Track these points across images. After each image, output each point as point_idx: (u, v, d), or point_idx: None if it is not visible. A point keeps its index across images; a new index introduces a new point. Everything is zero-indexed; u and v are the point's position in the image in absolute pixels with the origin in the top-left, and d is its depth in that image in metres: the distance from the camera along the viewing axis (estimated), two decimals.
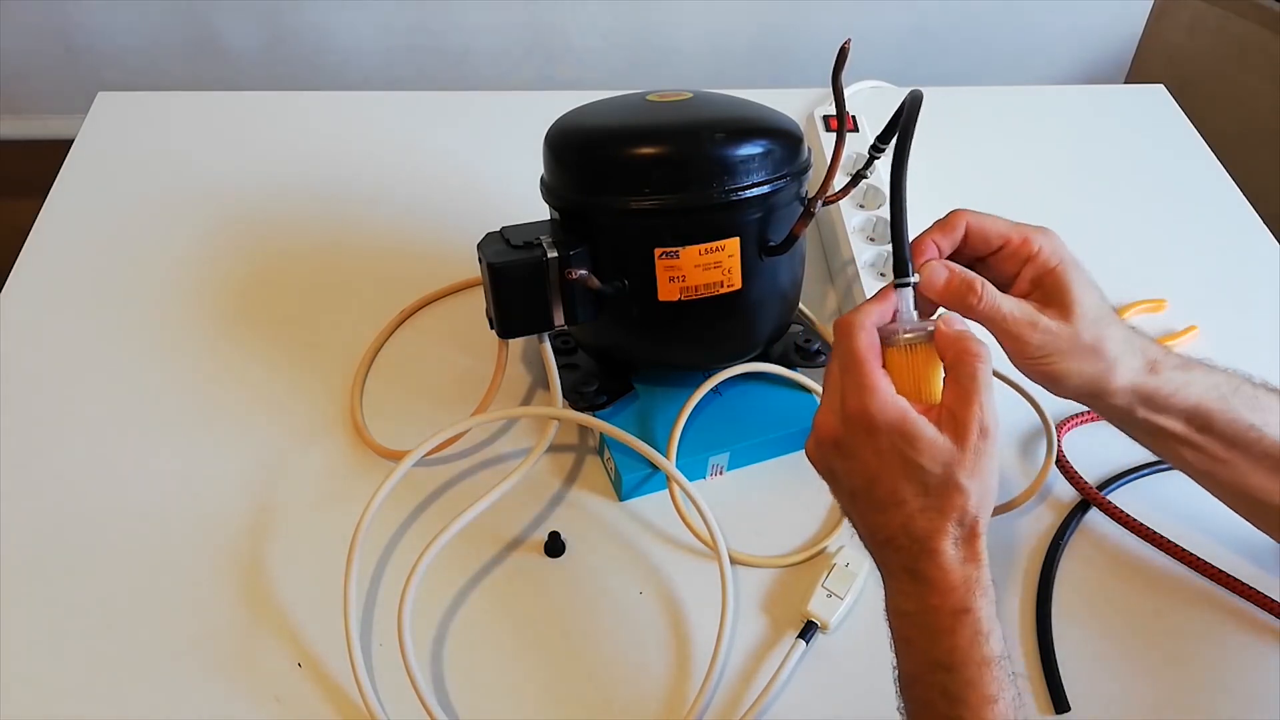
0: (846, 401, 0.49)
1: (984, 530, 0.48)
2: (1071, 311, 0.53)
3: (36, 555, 0.65)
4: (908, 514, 0.48)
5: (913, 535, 0.48)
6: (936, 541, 0.48)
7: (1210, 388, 0.56)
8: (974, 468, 0.47)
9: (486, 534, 0.67)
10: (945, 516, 0.48)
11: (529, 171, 0.69)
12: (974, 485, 0.47)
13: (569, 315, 0.67)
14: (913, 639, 0.49)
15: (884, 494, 0.49)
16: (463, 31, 1.50)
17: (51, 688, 0.60)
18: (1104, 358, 0.54)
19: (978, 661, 0.47)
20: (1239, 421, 0.56)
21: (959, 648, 0.47)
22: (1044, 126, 1.04)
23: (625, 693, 0.61)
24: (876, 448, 0.48)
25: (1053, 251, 0.53)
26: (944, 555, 0.48)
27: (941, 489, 0.47)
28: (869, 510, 0.50)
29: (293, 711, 0.59)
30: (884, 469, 0.48)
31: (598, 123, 0.67)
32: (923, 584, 0.48)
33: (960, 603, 0.47)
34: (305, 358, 0.78)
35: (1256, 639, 0.65)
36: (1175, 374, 0.55)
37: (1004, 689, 0.47)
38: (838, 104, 0.61)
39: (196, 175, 0.92)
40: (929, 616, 0.48)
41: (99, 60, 1.48)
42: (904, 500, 0.48)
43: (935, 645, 0.48)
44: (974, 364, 0.48)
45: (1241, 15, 1.44)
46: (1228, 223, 0.94)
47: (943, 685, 0.47)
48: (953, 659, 0.47)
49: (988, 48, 1.58)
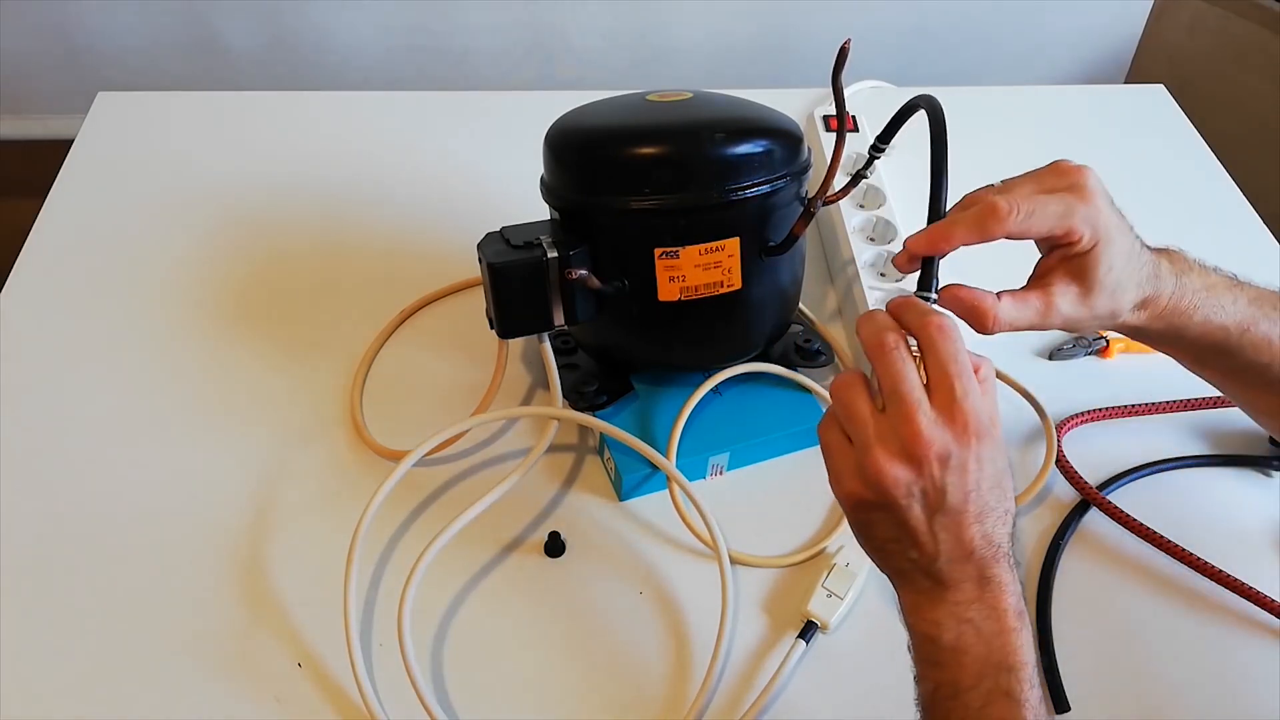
0: (946, 415, 0.47)
1: None
2: (1092, 290, 0.53)
3: (36, 555, 0.65)
4: (993, 520, 0.48)
5: (991, 540, 0.48)
6: (1006, 545, 0.49)
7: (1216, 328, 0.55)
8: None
9: (486, 534, 0.67)
10: (1009, 519, 0.49)
11: (529, 171, 0.69)
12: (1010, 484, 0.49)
13: (569, 315, 0.67)
14: (970, 647, 0.48)
15: (979, 505, 0.47)
16: (463, 31, 1.50)
17: (51, 688, 0.60)
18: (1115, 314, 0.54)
19: (1034, 662, 0.48)
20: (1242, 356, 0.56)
21: (1024, 645, 0.48)
22: (1044, 126, 1.04)
23: (625, 693, 0.61)
24: (978, 456, 0.47)
25: (1092, 236, 0.52)
26: (1010, 558, 0.49)
27: (1006, 492, 0.49)
28: (960, 524, 0.47)
29: (293, 711, 0.59)
30: (986, 478, 0.47)
31: (598, 123, 0.67)
32: (993, 588, 0.48)
33: (1019, 602, 0.48)
34: (305, 358, 0.78)
35: (1256, 639, 0.65)
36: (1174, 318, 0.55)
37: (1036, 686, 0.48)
38: (838, 104, 0.61)
39: (196, 175, 0.92)
40: (998, 620, 0.48)
41: (99, 60, 1.48)
42: (992, 508, 0.48)
43: (1000, 647, 0.48)
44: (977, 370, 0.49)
45: (1241, 15, 1.44)
46: (1228, 223, 0.94)
47: (1006, 687, 0.47)
48: (1017, 658, 0.47)
49: (988, 48, 1.58)
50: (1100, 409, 0.76)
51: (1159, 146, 1.03)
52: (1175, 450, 0.74)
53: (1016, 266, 0.57)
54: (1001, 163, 0.99)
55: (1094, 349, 0.80)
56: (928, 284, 0.52)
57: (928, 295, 0.52)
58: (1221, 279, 0.56)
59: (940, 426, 0.46)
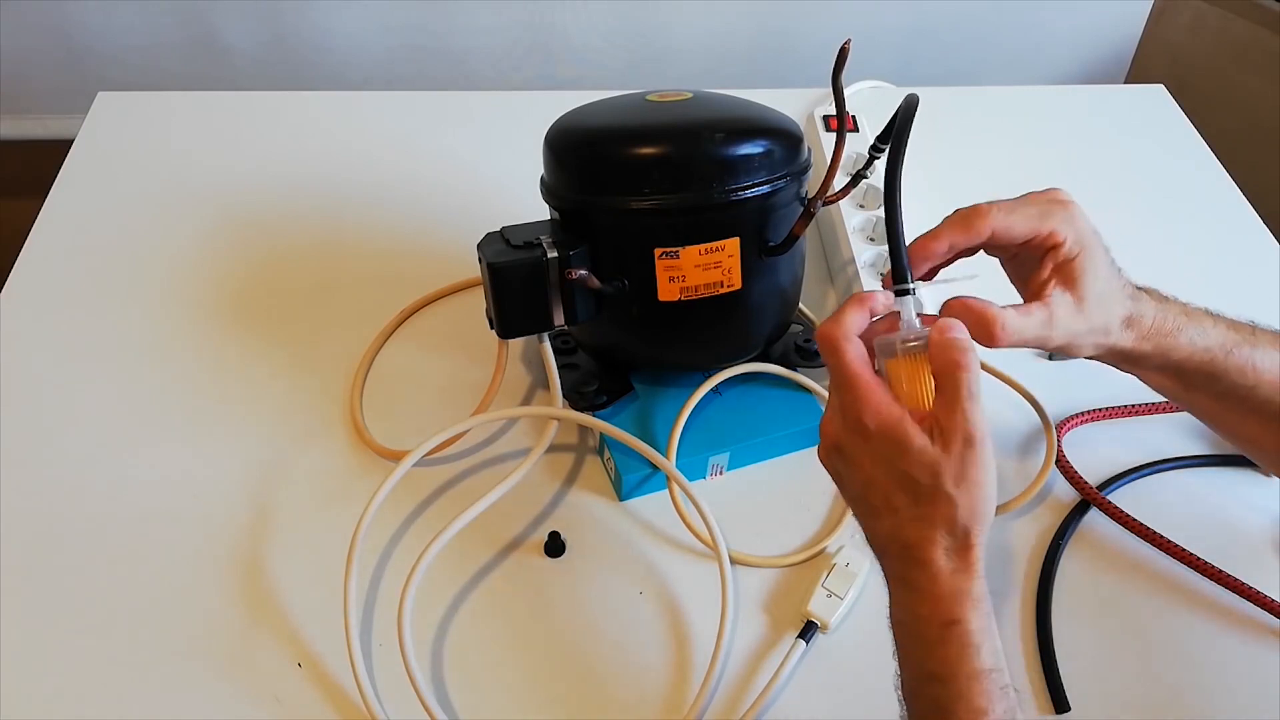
0: (844, 409, 0.50)
1: (979, 541, 0.48)
2: (1084, 298, 0.53)
3: (36, 555, 0.65)
4: (898, 522, 0.48)
5: (903, 543, 0.48)
6: (925, 551, 0.48)
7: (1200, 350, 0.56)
8: (961, 476, 0.47)
9: (486, 534, 0.67)
10: (934, 525, 0.47)
11: (529, 171, 0.69)
12: (962, 495, 0.47)
13: (569, 315, 0.67)
14: (907, 650, 0.49)
15: (879, 500, 0.49)
16: (463, 31, 1.50)
17: (51, 688, 0.60)
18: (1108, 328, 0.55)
19: (967, 674, 0.46)
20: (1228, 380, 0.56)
21: (949, 659, 0.47)
22: (1044, 126, 1.04)
23: (625, 693, 0.61)
24: (872, 454, 0.49)
25: (1075, 240, 0.53)
26: (933, 565, 0.47)
27: (930, 498, 0.47)
28: (866, 516, 0.51)
29: (293, 711, 0.59)
30: (877, 475, 0.49)
31: (598, 123, 0.67)
32: (913, 593, 0.48)
33: (948, 614, 0.47)
34: (305, 358, 0.78)
35: (1256, 639, 0.65)
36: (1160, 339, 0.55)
37: (995, 701, 0.46)
38: (838, 104, 0.61)
39: (196, 175, 0.92)
40: (920, 626, 0.48)
41: (99, 60, 1.48)
42: (896, 508, 0.48)
43: (927, 656, 0.48)
44: (958, 374, 0.48)
45: (1241, 15, 1.44)
46: (1228, 223, 0.94)
47: (934, 697, 0.47)
48: (943, 670, 0.47)
49: (988, 48, 1.58)
50: (1100, 409, 0.76)
51: (1159, 146, 1.03)
52: (1175, 450, 0.74)
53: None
54: (1002, 163, 0.99)
55: None
56: (901, 278, 0.51)
57: (906, 289, 0.51)
58: (1200, 308, 0.57)
59: (836, 419, 0.50)
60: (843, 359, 0.49)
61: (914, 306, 0.51)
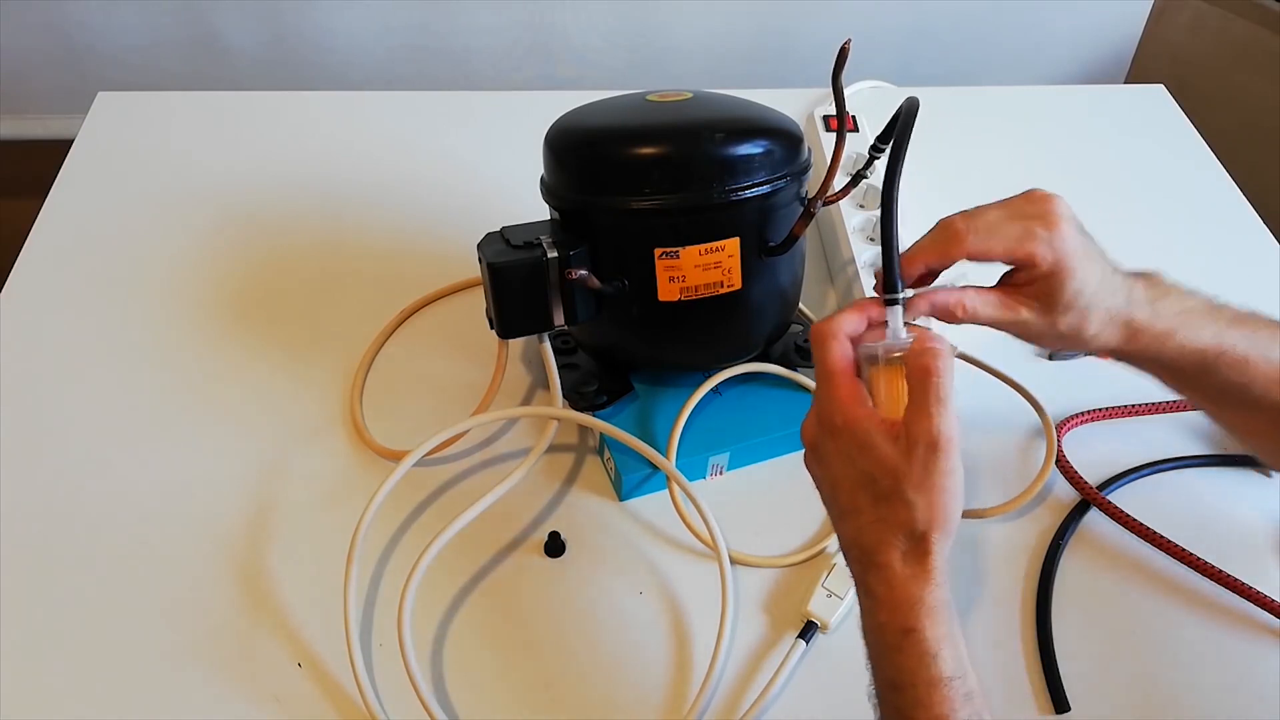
0: (819, 406, 0.50)
1: (937, 549, 0.47)
2: (1055, 309, 0.53)
3: (36, 555, 0.65)
4: (860, 524, 0.48)
5: (863, 546, 0.49)
6: (882, 554, 0.48)
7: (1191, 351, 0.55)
8: (921, 482, 0.46)
9: (486, 534, 0.67)
10: (892, 529, 0.47)
11: (529, 171, 0.69)
12: (921, 499, 0.46)
13: (569, 315, 0.67)
14: (872, 656, 0.49)
15: (845, 501, 0.49)
16: (463, 31, 1.50)
17: (51, 688, 0.60)
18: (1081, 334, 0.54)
19: (926, 681, 0.46)
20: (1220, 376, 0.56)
21: (907, 667, 0.47)
22: (1044, 126, 1.04)
23: (625, 693, 0.61)
24: (840, 452, 0.49)
25: (1054, 262, 0.52)
26: (889, 570, 0.47)
27: (888, 499, 0.47)
28: (835, 517, 0.51)
29: (293, 711, 0.59)
30: (844, 475, 0.49)
31: (598, 123, 0.67)
32: (872, 599, 0.48)
33: (904, 621, 0.47)
34: (305, 358, 0.78)
35: (1256, 639, 0.65)
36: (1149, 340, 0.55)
37: (955, 709, 0.46)
38: (838, 104, 0.61)
39: (196, 175, 0.92)
40: (880, 634, 0.48)
41: (99, 60, 1.48)
42: (859, 509, 0.48)
43: (887, 664, 0.47)
44: (928, 379, 0.47)
45: (1241, 15, 1.44)
46: (1228, 223, 0.94)
47: (896, 704, 0.47)
48: (901, 678, 0.47)
49: (988, 48, 1.58)
50: (1100, 409, 0.76)
51: (1159, 146, 1.03)
52: (1175, 450, 0.74)
53: None
54: (1002, 163, 0.99)
55: None
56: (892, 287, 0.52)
57: (895, 298, 0.52)
58: (1199, 301, 0.57)
59: (813, 417, 0.51)
60: (826, 355, 0.50)
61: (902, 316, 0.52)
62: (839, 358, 0.50)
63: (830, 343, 0.50)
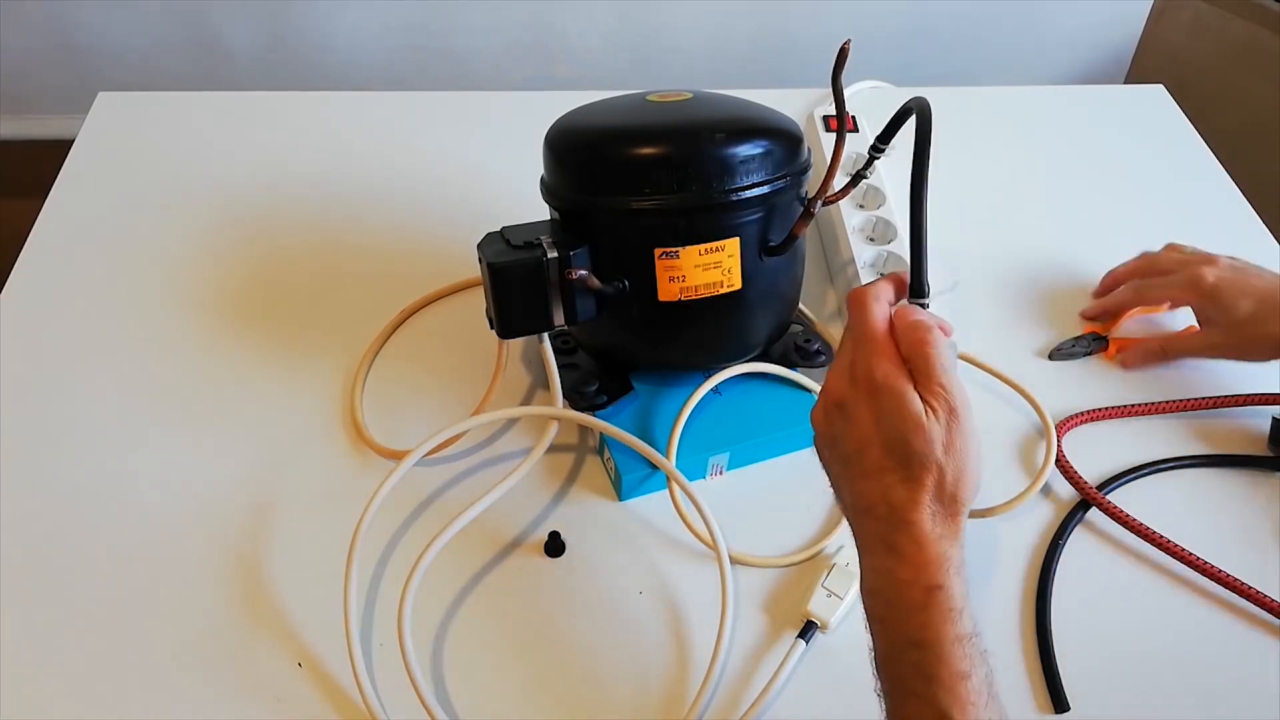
0: (855, 365, 0.51)
1: (964, 508, 0.49)
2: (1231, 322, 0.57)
3: (36, 555, 0.65)
4: (890, 483, 0.49)
5: (891, 504, 0.49)
6: (913, 513, 0.48)
7: None
8: (949, 445, 0.48)
9: (486, 534, 0.67)
10: (923, 488, 0.48)
11: (529, 171, 0.69)
12: (951, 463, 0.48)
13: (569, 315, 0.67)
14: (886, 617, 0.49)
15: (873, 460, 0.50)
16: (463, 31, 1.50)
17: (51, 688, 0.60)
18: None
19: (950, 638, 0.47)
20: None
21: (931, 624, 0.47)
22: (1044, 126, 1.04)
23: (625, 693, 0.61)
24: (875, 412, 0.49)
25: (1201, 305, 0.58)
26: (919, 527, 0.48)
27: (921, 463, 0.48)
28: (858, 476, 0.51)
29: (293, 711, 0.59)
30: (877, 434, 0.49)
31: (598, 123, 0.67)
32: (897, 557, 0.48)
33: (932, 578, 0.47)
34: (305, 358, 0.78)
35: (1256, 639, 0.65)
36: None
37: (976, 665, 0.47)
38: (838, 104, 0.61)
39: (196, 175, 0.92)
40: (902, 592, 0.48)
41: (99, 60, 1.49)
42: (888, 468, 0.49)
43: (909, 622, 0.48)
44: (926, 350, 0.49)
45: (1241, 15, 1.44)
46: (1228, 223, 0.94)
47: (915, 662, 0.47)
48: (925, 635, 0.47)
49: (988, 48, 1.58)
50: (1100, 409, 0.76)
51: (1159, 146, 1.03)
52: (1175, 450, 0.74)
53: None
54: (1001, 163, 0.99)
55: (1094, 349, 0.80)
56: (920, 291, 0.53)
57: (924, 302, 0.53)
58: None
59: (844, 376, 0.51)
60: (867, 313, 0.51)
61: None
62: (880, 320, 0.51)
63: (871, 304, 0.52)
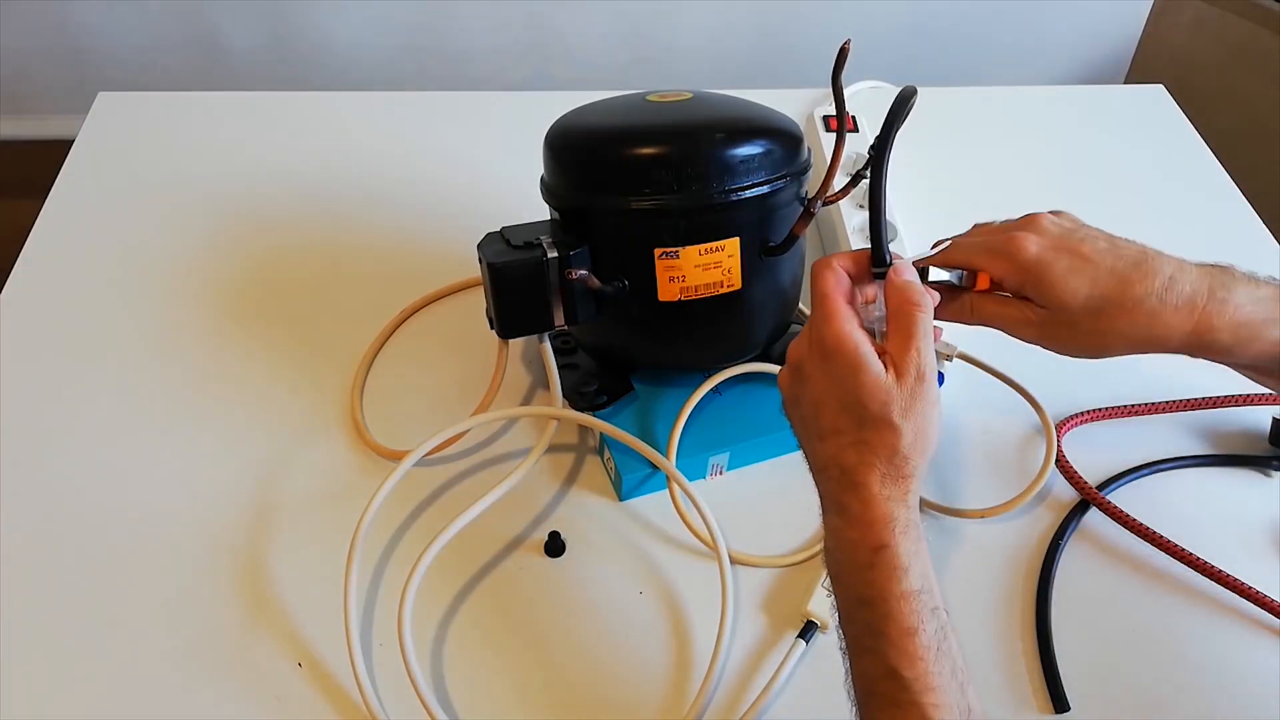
0: (811, 328, 0.52)
1: (916, 473, 0.50)
2: (1060, 306, 0.56)
3: (37, 555, 0.65)
4: (841, 445, 0.50)
5: (842, 466, 0.50)
6: (862, 474, 0.49)
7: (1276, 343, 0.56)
8: (908, 408, 0.49)
9: (486, 534, 0.67)
10: (874, 452, 0.49)
11: (529, 171, 0.69)
12: (908, 426, 0.49)
13: (569, 315, 0.67)
14: (839, 576, 0.50)
15: (827, 421, 0.51)
16: (463, 31, 1.50)
17: (51, 688, 0.60)
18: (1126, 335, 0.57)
19: (896, 595, 0.48)
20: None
21: (877, 582, 0.48)
22: (1044, 126, 1.04)
23: (625, 693, 0.61)
24: (828, 374, 0.50)
25: (1018, 283, 0.57)
26: (868, 489, 0.49)
27: (876, 424, 0.49)
28: (814, 437, 0.52)
29: (293, 711, 0.59)
30: (830, 396, 0.50)
31: (598, 123, 0.67)
32: (846, 517, 0.49)
33: (878, 539, 0.48)
34: (305, 358, 0.78)
35: (1256, 639, 0.65)
36: (1228, 333, 0.56)
37: (924, 621, 0.47)
38: (838, 104, 0.61)
39: (196, 175, 0.92)
40: (851, 551, 0.49)
41: (99, 60, 1.48)
42: (841, 430, 0.50)
43: (858, 579, 0.49)
44: (913, 311, 0.51)
45: (1241, 15, 1.44)
46: (1228, 223, 0.94)
47: (865, 620, 0.48)
48: (871, 593, 0.48)
49: (988, 48, 1.58)
50: (1100, 409, 0.76)
51: (1159, 146, 1.03)
52: (1175, 450, 0.74)
53: None
54: (1001, 163, 0.99)
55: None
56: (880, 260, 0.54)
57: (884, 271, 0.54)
58: (1257, 315, 0.56)
59: (804, 340, 0.53)
60: (823, 280, 0.53)
61: None
62: (835, 284, 0.53)
63: (827, 271, 0.53)
